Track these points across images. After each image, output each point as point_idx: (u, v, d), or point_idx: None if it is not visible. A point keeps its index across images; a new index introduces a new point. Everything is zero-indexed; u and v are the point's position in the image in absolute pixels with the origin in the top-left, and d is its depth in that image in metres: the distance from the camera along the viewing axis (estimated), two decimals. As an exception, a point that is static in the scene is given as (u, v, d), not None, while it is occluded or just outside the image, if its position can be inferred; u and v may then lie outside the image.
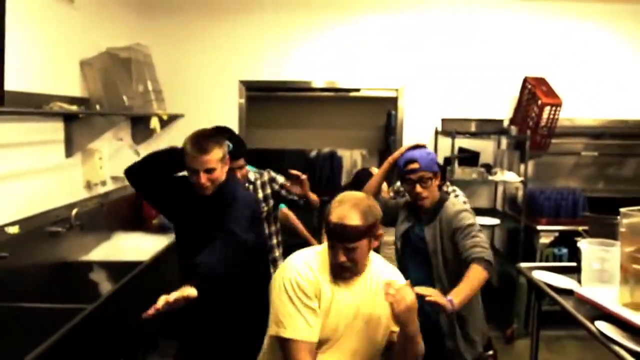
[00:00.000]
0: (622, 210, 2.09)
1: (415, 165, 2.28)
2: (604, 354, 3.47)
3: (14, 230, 2.47)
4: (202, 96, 4.39)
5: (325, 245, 1.78)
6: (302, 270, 1.71)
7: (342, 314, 1.73)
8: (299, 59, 4.44)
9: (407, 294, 1.57)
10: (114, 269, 2.88)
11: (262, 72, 4.43)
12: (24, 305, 2.30)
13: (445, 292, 2.01)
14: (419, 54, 4.44)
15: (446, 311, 1.89)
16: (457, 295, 1.93)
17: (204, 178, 2.15)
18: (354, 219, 1.63)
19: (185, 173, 2.26)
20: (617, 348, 1.90)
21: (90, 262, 2.96)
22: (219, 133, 2.38)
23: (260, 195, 2.80)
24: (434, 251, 2.28)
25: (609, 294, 2.18)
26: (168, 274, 2.80)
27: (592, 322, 2.09)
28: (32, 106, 2.60)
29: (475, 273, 2.03)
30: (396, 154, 2.43)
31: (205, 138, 2.17)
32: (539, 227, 4.05)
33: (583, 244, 2.35)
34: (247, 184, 2.77)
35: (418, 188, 2.29)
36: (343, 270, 1.70)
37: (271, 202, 2.82)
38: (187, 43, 4.36)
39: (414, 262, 2.38)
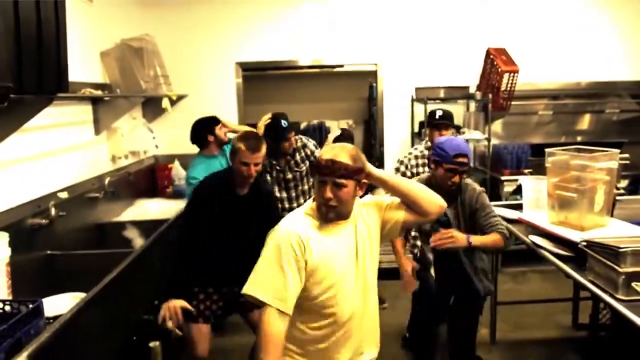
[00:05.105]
0: (547, 150, 2.67)
1: (465, 160, 2.44)
2: (559, 282, 4.16)
3: (64, 195, 3.01)
4: (203, 78, 4.85)
5: (310, 204, 1.80)
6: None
7: (333, 259, 1.72)
8: (288, 40, 4.91)
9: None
10: (143, 226, 3.43)
11: (255, 54, 4.90)
12: (79, 252, 2.86)
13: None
14: (395, 31, 4.94)
15: (465, 246, 2.35)
16: (475, 239, 2.39)
17: (252, 170, 2.49)
18: (345, 158, 1.68)
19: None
20: (543, 252, 2.52)
21: (123, 221, 3.51)
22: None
23: (302, 155, 3.50)
24: (457, 227, 2.52)
25: (542, 216, 2.79)
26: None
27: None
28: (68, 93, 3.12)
29: (494, 237, 2.45)
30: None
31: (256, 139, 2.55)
32: (503, 178, 4.66)
33: (523, 179, 2.95)
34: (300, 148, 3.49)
35: (457, 178, 2.46)
36: (328, 210, 1.69)
37: (307, 162, 3.49)
38: (188, 31, 4.81)
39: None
